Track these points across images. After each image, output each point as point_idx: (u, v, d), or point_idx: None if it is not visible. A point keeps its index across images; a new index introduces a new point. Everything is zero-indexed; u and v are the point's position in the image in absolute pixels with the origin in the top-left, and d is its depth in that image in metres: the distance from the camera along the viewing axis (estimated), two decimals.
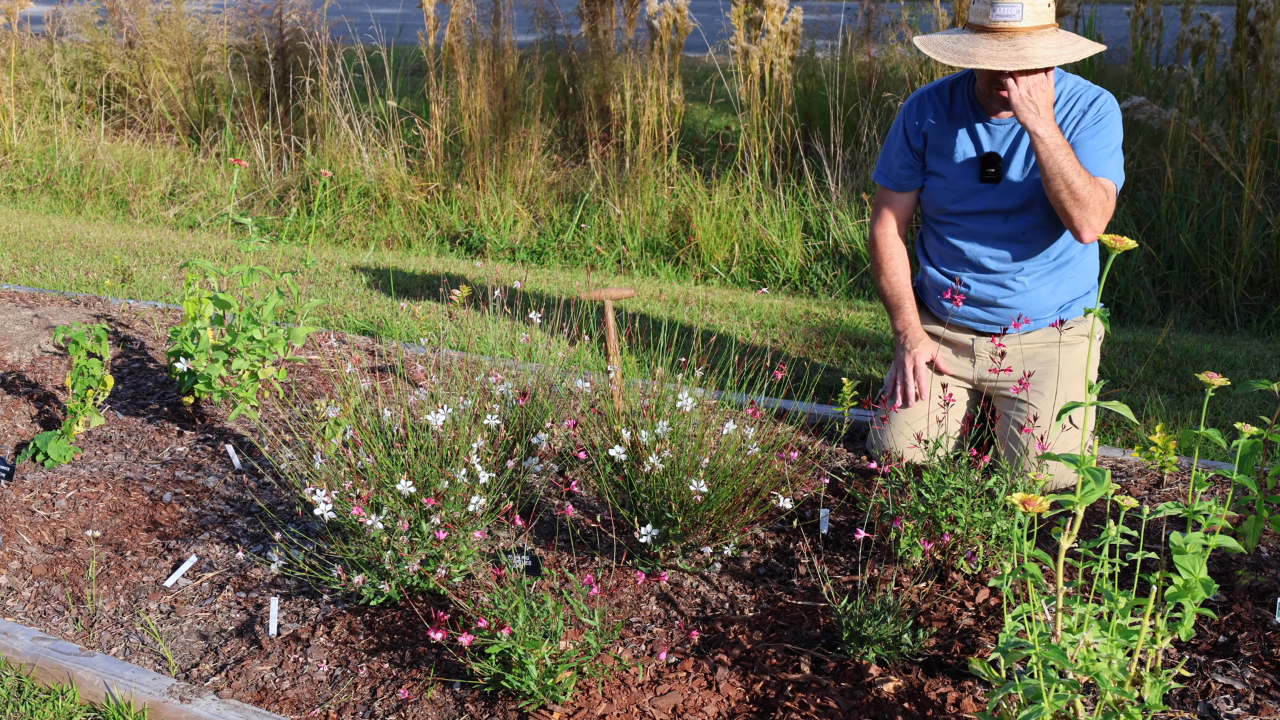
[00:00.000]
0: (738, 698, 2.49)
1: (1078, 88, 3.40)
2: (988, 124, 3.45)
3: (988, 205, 3.47)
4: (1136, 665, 2.24)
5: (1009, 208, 3.45)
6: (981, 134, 3.46)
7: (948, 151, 3.49)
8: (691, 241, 6.36)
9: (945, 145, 3.50)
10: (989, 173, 3.44)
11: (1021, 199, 3.43)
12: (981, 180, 3.46)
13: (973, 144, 3.47)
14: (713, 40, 7.95)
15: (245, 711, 2.49)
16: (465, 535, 2.84)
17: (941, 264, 3.58)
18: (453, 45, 7.27)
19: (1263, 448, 2.71)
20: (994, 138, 3.45)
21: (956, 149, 3.48)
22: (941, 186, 3.52)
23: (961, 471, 2.86)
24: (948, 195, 3.52)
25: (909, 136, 3.55)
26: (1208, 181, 5.79)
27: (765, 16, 6.56)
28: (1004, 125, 3.43)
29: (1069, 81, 3.41)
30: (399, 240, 6.99)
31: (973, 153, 3.47)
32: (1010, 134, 3.43)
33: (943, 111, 3.50)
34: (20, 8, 8.49)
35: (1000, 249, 3.48)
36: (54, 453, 3.59)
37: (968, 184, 3.48)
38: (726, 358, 4.19)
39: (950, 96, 3.51)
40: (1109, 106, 3.35)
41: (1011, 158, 3.43)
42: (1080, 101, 3.37)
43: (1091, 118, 3.34)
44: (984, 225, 3.48)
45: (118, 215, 7.73)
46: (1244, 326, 5.34)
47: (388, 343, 4.61)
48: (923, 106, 3.53)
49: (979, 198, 3.48)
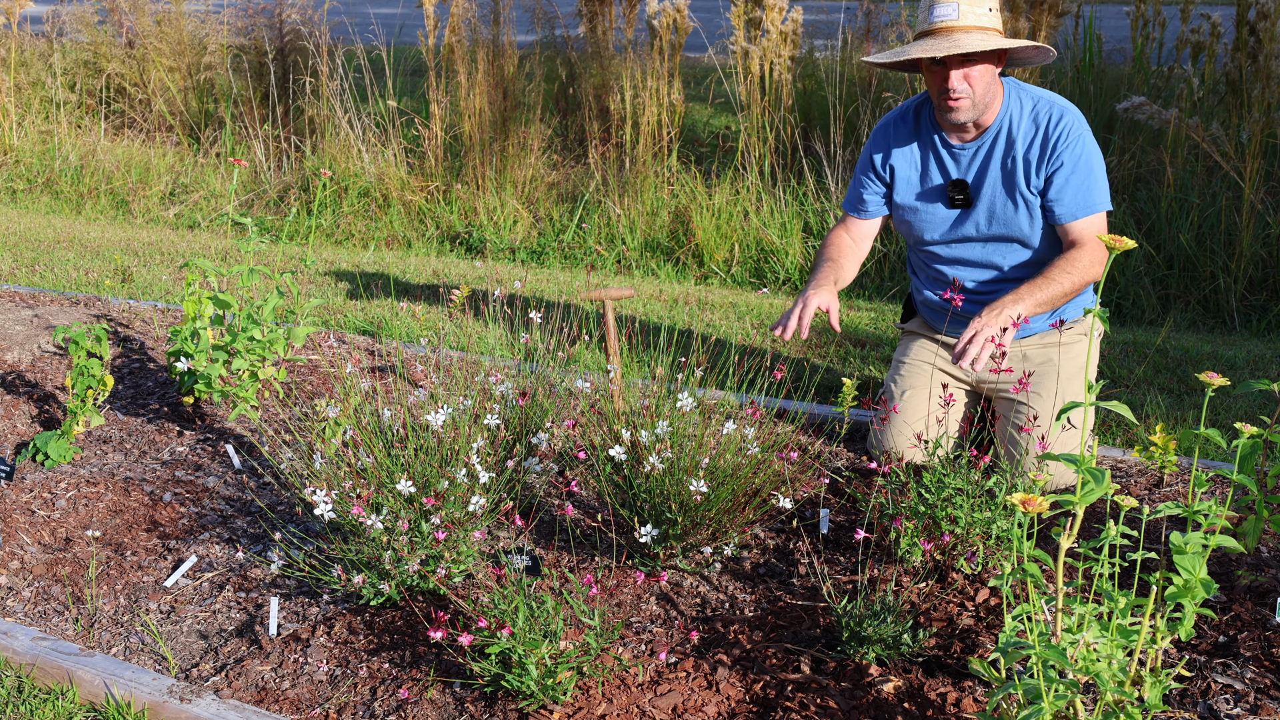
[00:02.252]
0: (738, 698, 2.49)
1: (1039, 108, 3.32)
2: (952, 149, 3.40)
3: (961, 232, 3.44)
4: (1136, 665, 2.24)
5: (983, 234, 3.42)
6: (946, 159, 3.41)
7: (915, 179, 3.46)
8: (691, 241, 6.36)
9: (912, 173, 3.46)
10: (957, 199, 3.40)
11: (994, 225, 3.40)
12: (951, 207, 3.43)
13: (939, 170, 3.43)
14: (713, 40, 7.95)
15: (245, 711, 2.49)
16: (465, 535, 2.84)
17: (928, 285, 3.58)
18: (453, 45, 7.27)
19: (1263, 448, 2.71)
20: (959, 163, 3.40)
21: (924, 176, 3.45)
22: (914, 218, 3.49)
23: (961, 471, 2.86)
24: (921, 225, 3.49)
25: (876, 166, 3.52)
26: (1208, 181, 5.79)
27: (765, 16, 6.56)
28: (968, 150, 3.38)
29: (1028, 101, 3.34)
30: (399, 240, 6.99)
31: (940, 179, 3.43)
32: (975, 157, 3.38)
33: (908, 137, 3.46)
34: (20, 8, 8.49)
35: (982, 273, 3.47)
36: (54, 453, 3.59)
37: (939, 212, 3.45)
38: (726, 358, 4.20)
39: (915, 121, 3.46)
40: (1076, 127, 3.28)
41: (980, 183, 3.38)
42: (1042, 128, 3.30)
43: (1059, 148, 3.27)
44: (962, 251, 3.47)
45: (118, 215, 7.73)
46: (1244, 326, 5.34)
47: (388, 343, 4.61)
48: (888, 133, 3.50)
49: (951, 225, 3.44)
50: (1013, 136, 3.33)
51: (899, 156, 3.48)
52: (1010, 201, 3.35)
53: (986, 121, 3.34)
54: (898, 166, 3.48)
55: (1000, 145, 3.34)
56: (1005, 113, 3.34)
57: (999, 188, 3.36)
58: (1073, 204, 3.28)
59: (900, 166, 3.48)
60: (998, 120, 3.34)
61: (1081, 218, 3.28)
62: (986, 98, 3.28)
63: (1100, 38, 7.02)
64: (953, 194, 3.41)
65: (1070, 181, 3.27)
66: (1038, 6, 6.18)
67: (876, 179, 3.53)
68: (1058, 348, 3.46)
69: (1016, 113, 3.34)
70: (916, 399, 3.50)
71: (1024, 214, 3.35)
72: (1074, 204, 3.28)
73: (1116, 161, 6.11)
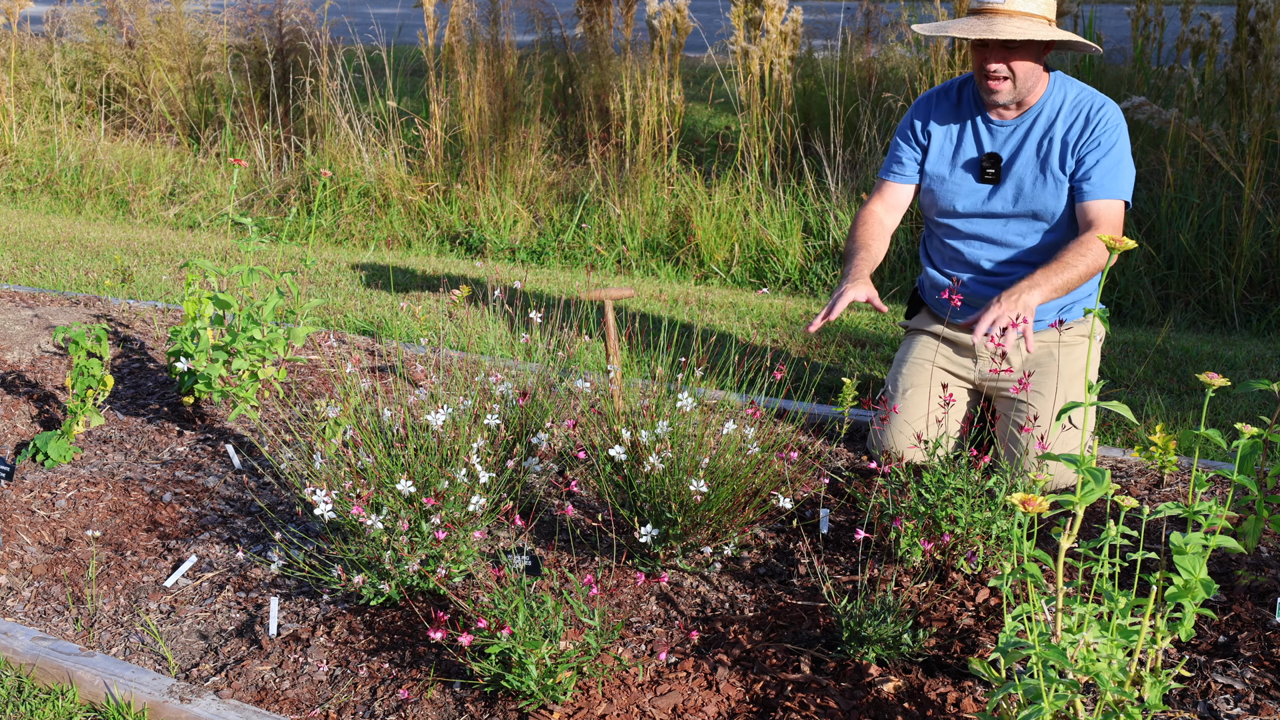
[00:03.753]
0: (738, 698, 2.49)
1: (1082, 96, 3.42)
2: (990, 125, 3.48)
3: (987, 207, 3.48)
4: (1136, 665, 2.24)
5: (1008, 211, 3.46)
6: (984, 134, 3.48)
7: (949, 150, 3.53)
8: (691, 241, 6.36)
9: (947, 144, 3.53)
10: (988, 173, 3.46)
11: (1020, 202, 3.44)
12: (981, 180, 3.47)
13: (974, 144, 3.49)
14: (712, 40, 7.95)
15: (245, 711, 2.49)
16: (465, 535, 2.83)
17: (942, 265, 3.59)
18: (452, 45, 7.28)
19: (1263, 448, 2.71)
20: (995, 139, 3.47)
21: (958, 148, 3.51)
22: (942, 186, 3.53)
23: (961, 471, 2.86)
24: (947, 195, 3.52)
25: (915, 132, 3.59)
26: (1208, 181, 5.79)
27: (765, 16, 6.56)
28: (1006, 126, 3.45)
29: (1073, 89, 3.43)
30: (399, 240, 6.99)
31: (974, 153, 3.49)
32: (1012, 135, 3.45)
33: (949, 110, 3.54)
34: (20, 8, 8.49)
35: (999, 252, 3.49)
36: (54, 453, 3.59)
37: (968, 184, 3.50)
38: (726, 358, 4.20)
39: (958, 96, 3.55)
40: (1114, 118, 3.38)
41: (1014, 160, 3.44)
42: (1084, 113, 3.38)
43: (1097, 132, 3.35)
44: (983, 227, 3.49)
45: (118, 215, 7.73)
46: (1244, 326, 5.34)
47: (388, 343, 4.61)
48: (930, 104, 3.58)
49: (978, 198, 3.49)
50: (1053, 119, 3.40)
51: (937, 126, 3.55)
52: (1041, 178, 3.40)
53: (1030, 103, 3.42)
54: (935, 135, 3.55)
55: (1039, 126, 3.41)
56: (1049, 96, 3.42)
57: (1031, 165, 3.42)
58: (1099, 184, 3.33)
59: (937, 135, 3.54)
60: (1040, 102, 3.42)
61: (1104, 198, 3.33)
62: (1028, 83, 3.35)
63: (1100, 37, 7.03)
64: (985, 167, 3.47)
65: (1101, 164, 3.34)
66: None
67: (915, 143, 3.59)
68: (1058, 347, 3.46)
69: (1059, 99, 3.42)
70: (917, 399, 3.50)
71: (1051, 192, 3.40)
72: (1100, 184, 3.33)
73: None
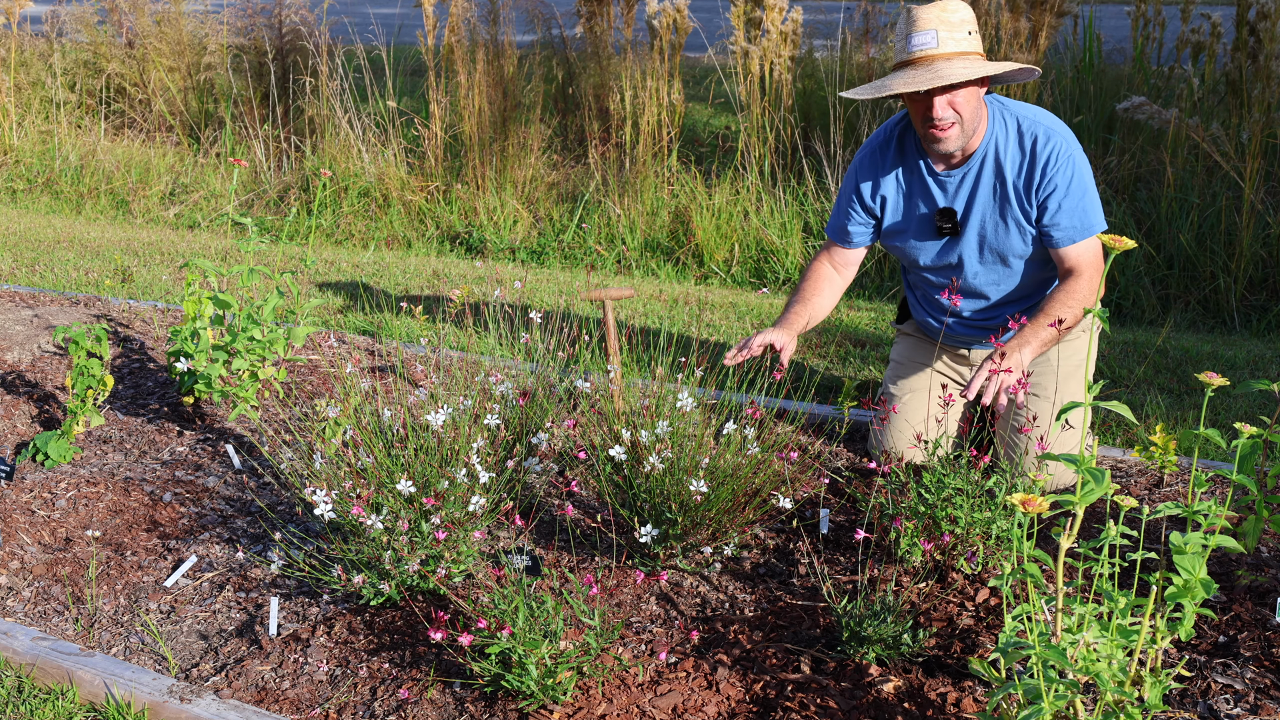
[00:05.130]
0: (738, 698, 2.49)
1: (1024, 128, 3.24)
2: (939, 178, 3.33)
3: (952, 259, 3.40)
4: (1136, 665, 2.24)
5: (974, 260, 3.38)
6: (933, 188, 3.35)
7: (904, 206, 3.41)
8: (691, 241, 6.36)
9: (900, 200, 3.41)
10: (945, 228, 3.35)
11: (986, 251, 3.36)
12: (939, 236, 3.38)
13: (924, 199, 3.37)
14: (712, 40, 7.95)
15: (245, 711, 2.49)
16: (465, 535, 2.84)
17: (926, 307, 3.56)
18: (452, 45, 7.27)
19: (1262, 448, 2.71)
20: (946, 191, 3.34)
21: (911, 203, 3.40)
22: (904, 244, 3.46)
23: (961, 471, 2.86)
24: (913, 253, 3.45)
25: (864, 198, 3.44)
26: (1208, 181, 5.79)
27: (765, 16, 6.56)
28: (954, 176, 3.32)
29: (1011, 121, 3.27)
30: (399, 240, 6.99)
31: (926, 208, 3.38)
32: (961, 184, 3.32)
33: (894, 164, 3.39)
34: (20, 8, 8.49)
35: (977, 300, 3.46)
36: (54, 453, 3.59)
37: (928, 239, 3.41)
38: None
39: (898, 146, 3.39)
40: (1064, 148, 3.21)
41: (969, 211, 3.32)
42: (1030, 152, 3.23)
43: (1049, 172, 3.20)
44: (953, 277, 3.42)
45: (118, 215, 7.73)
46: (1244, 326, 5.34)
47: (388, 343, 4.61)
48: (875, 162, 3.42)
49: (941, 253, 3.41)
50: (1000, 162, 3.26)
51: (888, 186, 3.41)
52: (1002, 224, 3.29)
53: (972, 147, 3.27)
54: (888, 196, 3.41)
55: (988, 170, 3.27)
56: (990, 137, 3.26)
57: (990, 213, 3.30)
58: (1069, 228, 3.21)
59: (890, 195, 3.41)
60: (983, 145, 3.27)
61: (1079, 241, 3.22)
62: (974, 123, 3.20)
63: (1100, 38, 7.02)
64: (940, 223, 3.35)
65: (1064, 206, 3.20)
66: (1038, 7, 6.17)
67: (864, 211, 3.46)
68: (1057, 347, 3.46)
69: (1002, 136, 3.26)
70: (916, 399, 3.50)
71: (1016, 236, 3.29)
72: (1070, 228, 3.21)
73: (1116, 161, 6.11)
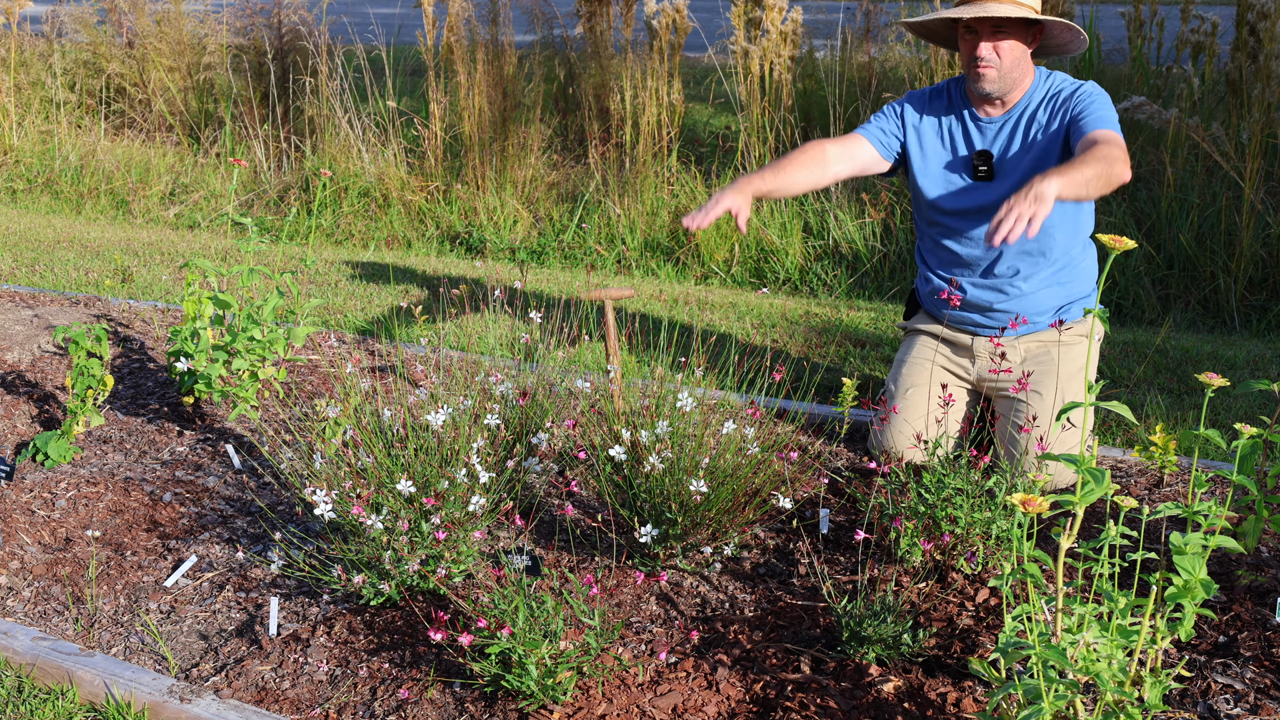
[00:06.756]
0: (738, 698, 2.49)
1: (1063, 82, 3.44)
2: (979, 122, 3.48)
3: (980, 204, 3.46)
4: (1136, 665, 2.24)
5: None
6: (973, 131, 3.49)
7: (939, 148, 3.52)
8: (691, 241, 6.35)
9: (939, 143, 3.53)
10: (980, 170, 3.47)
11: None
12: (974, 178, 3.48)
13: (965, 141, 3.50)
14: (712, 40, 7.95)
15: (245, 711, 2.49)
16: (465, 535, 2.84)
17: (939, 267, 3.58)
18: (452, 45, 7.27)
19: (1262, 448, 2.71)
20: (985, 136, 3.48)
21: (948, 145, 3.52)
22: (935, 186, 3.52)
23: (961, 471, 2.86)
24: (943, 195, 3.51)
25: (904, 116, 3.58)
26: (1208, 181, 5.79)
27: (765, 16, 6.56)
28: (994, 123, 3.46)
29: (1055, 80, 3.46)
30: (399, 240, 6.99)
31: (965, 150, 3.50)
32: (1000, 131, 3.45)
33: (941, 109, 3.54)
34: (20, 8, 8.49)
35: (993, 251, 3.48)
36: (54, 453, 3.59)
37: (961, 182, 3.49)
38: (726, 358, 4.20)
39: (948, 97, 3.55)
40: (1097, 92, 3.38)
41: (1005, 155, 3.45)
42: (1065, 90, 3.40)
43: (1079, 95, 3.36)
44: (977, 226, 3.48)
45: (118, 215, 7.73)
46: (1244, 326, 5.34)
47: (387, 343, 4.61)
48: (924, 100, 3.58)
49: (971, 195, 3.48)
50: (1036, 112, 3.42)
51: (928, 123, 3.55)
52: (1038, 170, 3.37)
53: (1013, 99, 3.43)
54: (924, 132, 3.54)
55: (1025, 119, 3.43)
56: (1033, 91, 3.44)
57: (1024, 160, 3.41)
58: (1094, 119, 3.30)
59: (927, 134, 3.54)
60: (1024, 98, 3.43)
61: (1103, 127, 3.28)
62: (1015, 73, 3.37)
63: (1100, 38, 7.02)
64: (977, 165, 3.47)
65: (1091, 110, 3.31)
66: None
67: (899, 127, 3.58)
68: (1057, 347, 3.46)
69: (1042, 92, 3.44)
70: (917, 399, 3.50)
71: None
72: (1095, 119, 3.30)
73: None
